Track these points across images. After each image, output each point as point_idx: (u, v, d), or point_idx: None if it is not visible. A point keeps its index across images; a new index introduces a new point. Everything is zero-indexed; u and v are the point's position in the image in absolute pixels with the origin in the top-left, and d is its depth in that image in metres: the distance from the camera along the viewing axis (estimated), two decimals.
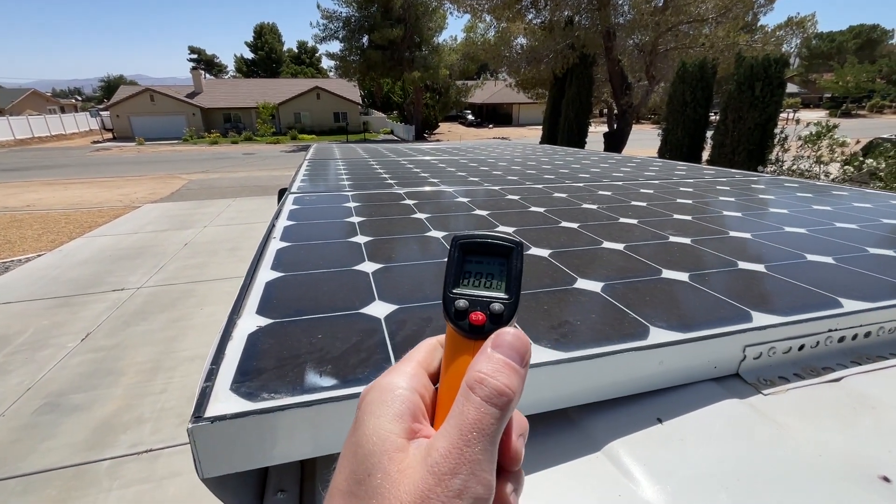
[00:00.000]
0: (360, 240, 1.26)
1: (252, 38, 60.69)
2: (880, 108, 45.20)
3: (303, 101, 36.52)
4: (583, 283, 0.94)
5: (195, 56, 68.40)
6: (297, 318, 0.78)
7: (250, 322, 0.76)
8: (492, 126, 42.74)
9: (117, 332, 3.92)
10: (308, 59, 63.85)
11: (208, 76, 54.88)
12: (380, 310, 0.81)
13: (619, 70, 13.90)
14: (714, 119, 9.64)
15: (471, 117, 45.08)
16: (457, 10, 16.44)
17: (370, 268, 1.03)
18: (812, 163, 8.26)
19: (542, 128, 15.58)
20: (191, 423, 0.51)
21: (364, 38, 28.46)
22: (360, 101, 37.97)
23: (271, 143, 29.91)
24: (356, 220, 1.50)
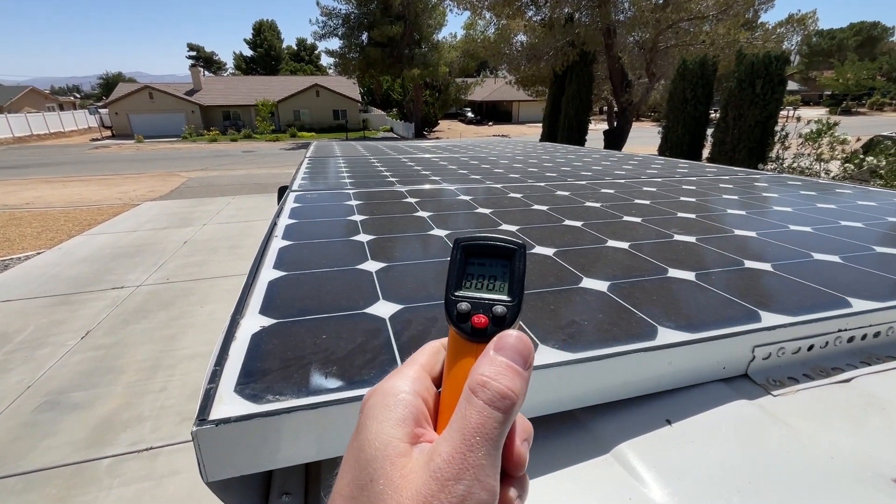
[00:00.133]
0: (363, 238, 1.25)
1: (251, 36, 60.54)
2: (880, 105, 45.12)
3: (302, 98, 36.43)
4: (589, 283, 0.93)
5: (194, 53, 68.21)
6: (301, 318, 0.77)
7: (253, 322, 0.75)
8: (491, 123, 42.67)
9: (117, 330, 3.92)
10: (307, 57, 63.67)
11: (207, 73, 54.72)
12: (384, 309, 0.80)
13: (620, 67, 13.87)
14: (714, 116, 9.63)
15: (470, 115, 45.00)
16: (456, 7, 16.40)
17: (373, 267, 1.02)
18: (812, 160, 8.25)
19: (542, 125, 15.55)
20: (195, 426, 0.50)
21: (363, 36, 28.36)
22: (359, 98, 37.87)
23: (270, 140, 29.85)
24: (358, 218, 1.49)
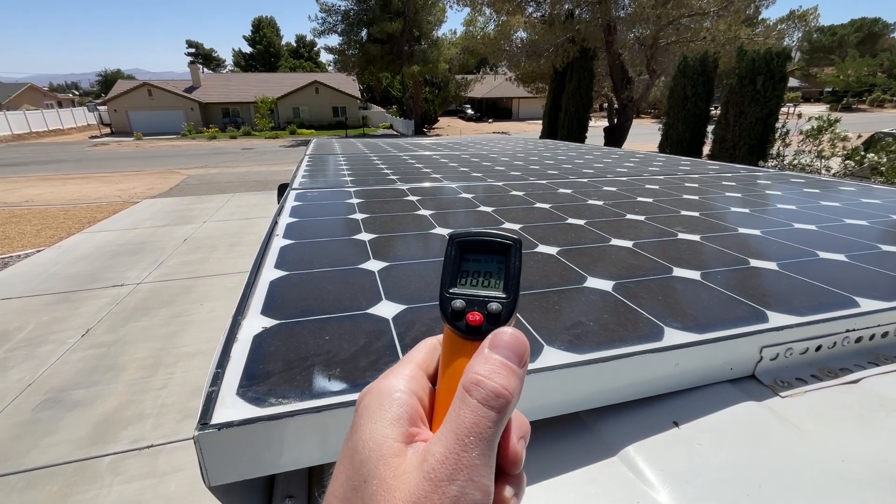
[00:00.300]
0: (365, 237, 1.24)
1: (250, 32, 60.29)
2: (881, 102, 44.99)
3: (301, 95, 36.32)
4: (593, 282, 0.92)
5: (193, 50, 67.94)
6: (303, 318, 0.76)
7: (255, 323, 0.74)
8: (491, 120, 42.57)
9: (117, 327, 3.91)
10: (307, 54, 63.45)
11: (206, 70, 54.60)
12: (387, 310, 0.79)
13: (620, 64, 13.82)
14: (715, 113, 9.59)
15: (470, 112, 44.89)
16: (456, 4, 16.33)
17: (375, 266, 1.01)
18: (813, 157, 8.23)
19: (542, 122, 15.51)
20: (197, 431, 0.49)
21: (363, 32, 28.24)
22: (359, 95, 37.76)
23: (270, 137, 29.79)
24: (359, 216, 1.48)
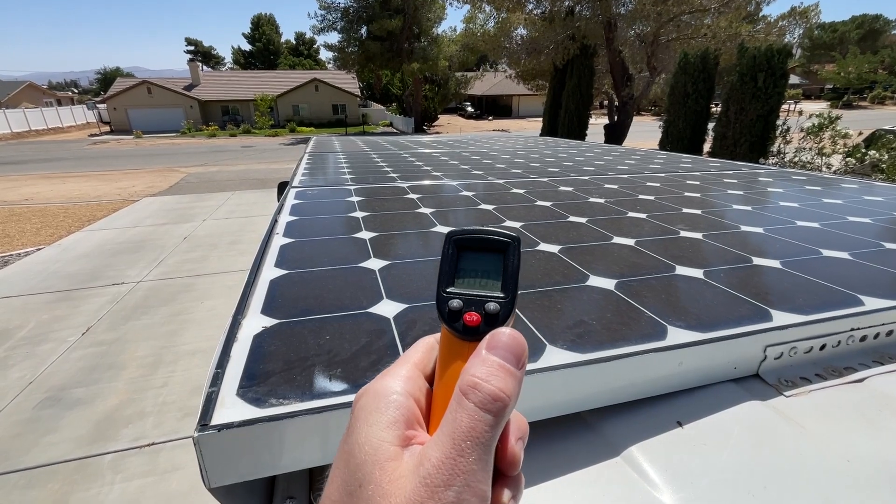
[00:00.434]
0: (365, 235, 1.23)
1: (250, 30, 60.11)
2: (882, 99, 44.86)
3: (301, 93, 36.26)
4: (596, 281, 0.92)
5: (192, 48, 67.75)
6: (304, 318, 0.76)
7: (255, 322, 0.74)
8: (491, 118, 42.49)
9: (118, 326, 3.91)
10: (306, 51, 63.28)
11: (206, 68, 54.42)
12: (388, 309, 0.79)
13: (620, 61, 13.77)
14: (716, 111, 9.57)
15: (470, 109, 44.81)
16: (456, 1, 16.27)
17: (376, 265, 1.01)
18: (814, 155, 8.21)
19: (542, 120, 15.47)
20: (196, 432, 0.48)
21: (363, 29, 28.15)
22: (358, 93, 37.68)
23: (270, 135, 29.75)
24: (360, 214, 1.47)
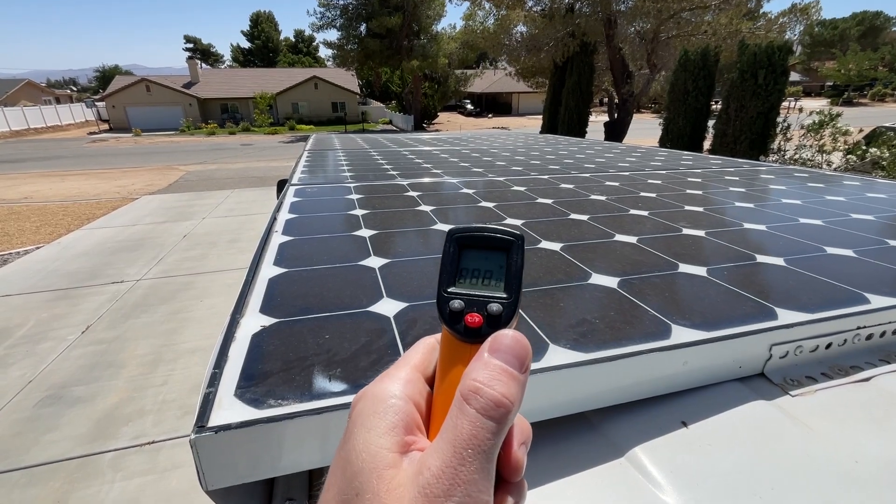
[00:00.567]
0: (365, 233, 1.22)
1: (248, 27, 59.92)
2: (882, 96, 44.75)
3: (300, 90, 36.16)
4: (598, 279, 0.91)
5: (191, 45, 67.52)
6: (303, 317, 0.75)
7: (253, 321, 0.73)
8: (491, 115, 42.41)
9: (117, 324, 3.90)
10: (305, 49, 63.10)
11: (204, 66, 54.22)
12: (388, 307, 0.78)
13: (621, 58, 13.73)
14: (716, 108, 9.54)
15: (470, 107, 44.71)
16: None
17: (376, 263, 1.00)
18: (814, 152, 8.18)
19: (542, 117, 15.43)
20: (193, 434, 0.47)
21: (362, 27, 28.07)
22: (358, 90, 37.58)
23: (269, 133, 29.68)
24: (360, 212, 1.46)
